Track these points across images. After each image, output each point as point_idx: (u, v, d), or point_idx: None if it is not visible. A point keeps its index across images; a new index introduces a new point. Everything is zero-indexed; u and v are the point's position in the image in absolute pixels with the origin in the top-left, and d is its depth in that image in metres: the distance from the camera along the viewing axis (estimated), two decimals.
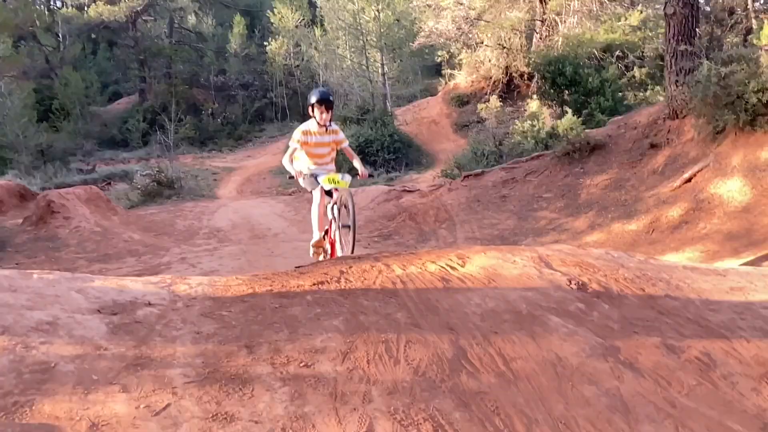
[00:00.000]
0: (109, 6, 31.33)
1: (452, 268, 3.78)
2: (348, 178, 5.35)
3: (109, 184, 21.07)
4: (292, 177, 5.38)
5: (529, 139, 14.61)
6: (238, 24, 34.04)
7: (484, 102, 19.51)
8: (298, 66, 32.13)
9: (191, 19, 36.08)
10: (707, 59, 9.86)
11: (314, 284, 3.41)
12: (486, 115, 18.07)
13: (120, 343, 2.68)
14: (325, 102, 5.36)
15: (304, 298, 3.22)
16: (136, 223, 13.35)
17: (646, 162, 10.32)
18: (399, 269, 3.73)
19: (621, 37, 20.86)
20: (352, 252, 5.14)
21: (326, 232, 5.49)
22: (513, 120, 17.57)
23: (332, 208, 5.40)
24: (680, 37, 10.67)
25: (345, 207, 5.37)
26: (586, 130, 12.04)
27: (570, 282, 3.57)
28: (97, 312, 2.93)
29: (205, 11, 35.89)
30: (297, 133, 5.38)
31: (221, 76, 33.49)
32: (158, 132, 23.01)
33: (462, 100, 23.66)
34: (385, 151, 20.49)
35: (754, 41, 11.94)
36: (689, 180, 9.16)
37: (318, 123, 5.36)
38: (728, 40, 18.80)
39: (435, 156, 21.53)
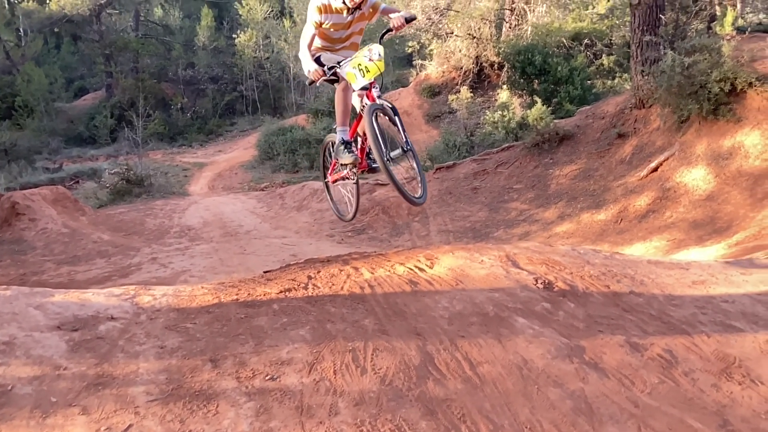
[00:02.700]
0: None
1: (420, 269, 3.79)
2: (379, 52, 3.80)
3: (77, 182, 20.62)
4: (312, 83, 3.98)
5: (499, 129, 14.69)
6: (206, 16, 33.47)
7: (455, 93, 19.55)
8: (268, 58, 31.73)
9: (158, 12, 35.36)
10: (671, 49, 10.02)
11: (281, 292, 3.38)
12: (457, 105, 18.10)
13: (80, 361, 2.62)
14: None
15: (270, 307, 3.19)
16: (105, 222, 13.12)
17: (613, 152, 10.47)
18: (368, 273, 3.72)
19: (589, 26, 21.04)
20: (424, 195, 4.04)
21: (353, 131, 4.14)
22: (484, 110, 17.64)
23: (372, 116, 3.82)
24: (645, 28, 10.81)
25: (386, 114, 3.89)
26: (555, 121, 12.15)
27: (536, 281, 3.60)
28: (57, 329, 2.86)
29: (172, 3, 35.17)
30: (312, 11, 3.96)
31: (190, 69, 32.90)
32: (126, 128, 22.55)
33: (433, 91, 23.62)
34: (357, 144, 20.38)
35: (717, 29, 12.15)
36: (656, 169, 9.32)
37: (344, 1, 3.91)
38: (693, 26, 19.09)
39: None
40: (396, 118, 3.90)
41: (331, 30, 4.06)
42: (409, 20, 3.94)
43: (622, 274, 3.85)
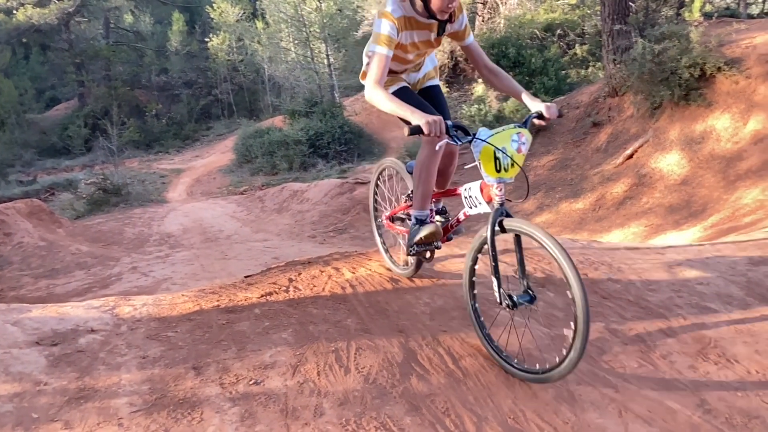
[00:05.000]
0: (38, 9, 30.06)
1: None
2: (527, 142, 2.64)
3: (53, 194, 20.34)
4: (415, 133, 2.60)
5: (477, 123, 14.75)
6: (177, 21, 33.18)
7: None
8: (242, 61, 31.57)
9: (128, 18, 34.97)
10: (642, 37, 10.14)
11: (262, 296, 3.38)
12: None
13: (61, 375, 2.60)
14: None
15: (252, 312, 3.19)
16: (83, 234, 12.94)
17: (589, 140, 10.58)
18: (349, 273, 3.73)
19: (561, 16, 21.23)
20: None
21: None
22: (460, 104, 17.72)
23: (492, 245, 2.72)
24: (615, 16, 10.94)
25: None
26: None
27: (515, 272, 3.63)
28: (36, 344, 2.83)
29: (142, 9, 34.83)
30: (383, 24, 2.68)
31: (163, 75, 32.64)
32: (101, 137, 22.32)
33: None
34: (336, 143, 20.39)
35: (686, 15, 12.33)
36: (631, 156, 9.43)
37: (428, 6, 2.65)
38: (662, 13, 19.34)
39: (387, 144, 21.54)
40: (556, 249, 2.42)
41: (409, 52, 2.80)
42: (560, 116, 2.88)
43: (600, 261, 3.91)
